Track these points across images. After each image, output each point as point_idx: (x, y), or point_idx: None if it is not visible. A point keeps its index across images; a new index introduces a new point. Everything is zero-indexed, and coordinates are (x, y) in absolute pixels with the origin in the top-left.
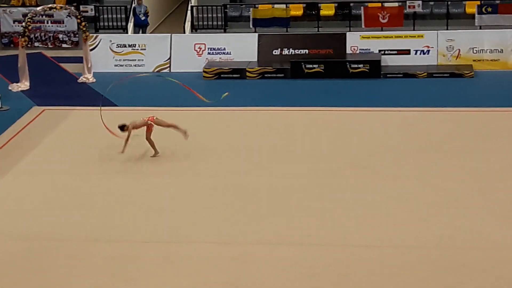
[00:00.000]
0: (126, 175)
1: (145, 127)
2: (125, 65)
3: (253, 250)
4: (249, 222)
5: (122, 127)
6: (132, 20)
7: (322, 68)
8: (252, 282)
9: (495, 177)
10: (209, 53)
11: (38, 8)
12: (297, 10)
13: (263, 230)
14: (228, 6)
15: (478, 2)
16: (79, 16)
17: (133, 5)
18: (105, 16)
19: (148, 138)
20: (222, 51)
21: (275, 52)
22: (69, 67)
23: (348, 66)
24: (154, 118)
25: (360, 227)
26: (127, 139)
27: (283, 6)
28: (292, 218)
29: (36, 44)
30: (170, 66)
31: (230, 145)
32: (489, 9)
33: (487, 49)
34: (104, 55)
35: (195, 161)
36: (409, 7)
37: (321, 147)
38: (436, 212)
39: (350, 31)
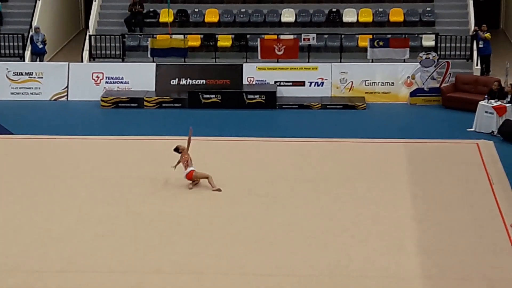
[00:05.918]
0: (21, 202)
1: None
2: (22, 93)
3: (150, 279)
4: (146, 251)
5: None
6: (30, 48)
7: (219, 98)
8: None
9: (386, 206)
10: (107, 82)
11: None
12: (194, 41)
13: (161, 259)
14: (126, 35)
15: (370, 36)
16: None
17: (31, 33)
18: (2, 43)
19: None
20: (120, 80)
21: (173, 82)
22: None
23: (244, 96)
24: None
25: (257, 255)
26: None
27: (181, 36)
28: (189, 247)
29: None
30: (67, 95)
31: (125, 174)
32: (381, 43)
33: (378, 82)
34: (0, 82)
35: (91, 190)
36: (304, 39)
37: (218, 176)
38: (332, 240)
39: (246, 62)
